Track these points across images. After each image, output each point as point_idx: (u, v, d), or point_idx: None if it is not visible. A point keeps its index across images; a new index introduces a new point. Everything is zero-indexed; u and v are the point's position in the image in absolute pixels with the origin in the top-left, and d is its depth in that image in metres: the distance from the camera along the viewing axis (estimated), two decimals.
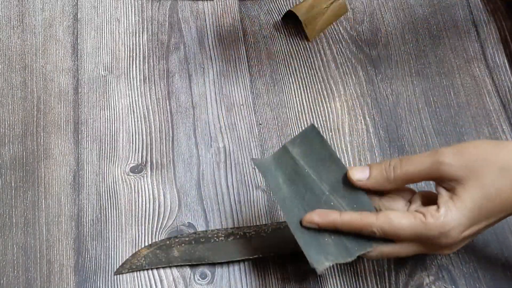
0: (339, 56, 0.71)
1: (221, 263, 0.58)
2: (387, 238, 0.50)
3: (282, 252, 0.58)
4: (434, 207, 0.49)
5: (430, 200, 0.51)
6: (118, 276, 0.58)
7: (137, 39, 0.71)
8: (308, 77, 0.69)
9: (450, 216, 0.48)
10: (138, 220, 0.61)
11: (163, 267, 0.58)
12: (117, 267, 0.58)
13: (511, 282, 0.58)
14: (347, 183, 0.53)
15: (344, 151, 0.65)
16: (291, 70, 0.70)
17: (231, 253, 0.58)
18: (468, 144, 0.50)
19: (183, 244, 0.58)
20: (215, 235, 0.59)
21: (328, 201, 0.53)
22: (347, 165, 0.63)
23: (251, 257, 0.58)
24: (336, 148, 0.65)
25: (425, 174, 0.50)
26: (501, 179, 0.48)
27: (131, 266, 0.58)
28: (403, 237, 0.49)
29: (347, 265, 0.59)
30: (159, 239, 0.60)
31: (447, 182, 0.49)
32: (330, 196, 0.53)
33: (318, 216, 0.51)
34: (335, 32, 0.72)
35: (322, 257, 0.50)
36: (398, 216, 0.49)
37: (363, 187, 0.52)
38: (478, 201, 0.48)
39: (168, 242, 0.59)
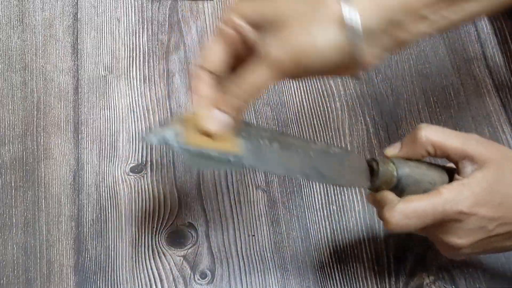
0: None
1: (221, 263, 0.58)
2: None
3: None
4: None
5: None
6: (118, 276, 0.58)
7: (137, 39, 0.71)
8: None
9: (457, 184, 0.47)
10: (138, 220, 0.61)
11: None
12: (117, 267, 0.58)
13: (511, 282, 0.58)
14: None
15: None
16: None
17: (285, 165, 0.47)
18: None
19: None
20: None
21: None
22: None
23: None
24: None
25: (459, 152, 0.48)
26: None
27: (163, 140, 0.42)
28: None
29: (347, 265, 0.59)
30: (159, 241, 0.60)
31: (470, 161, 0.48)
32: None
33: None
34: None
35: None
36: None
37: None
38: (491, 180, 0.46)
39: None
